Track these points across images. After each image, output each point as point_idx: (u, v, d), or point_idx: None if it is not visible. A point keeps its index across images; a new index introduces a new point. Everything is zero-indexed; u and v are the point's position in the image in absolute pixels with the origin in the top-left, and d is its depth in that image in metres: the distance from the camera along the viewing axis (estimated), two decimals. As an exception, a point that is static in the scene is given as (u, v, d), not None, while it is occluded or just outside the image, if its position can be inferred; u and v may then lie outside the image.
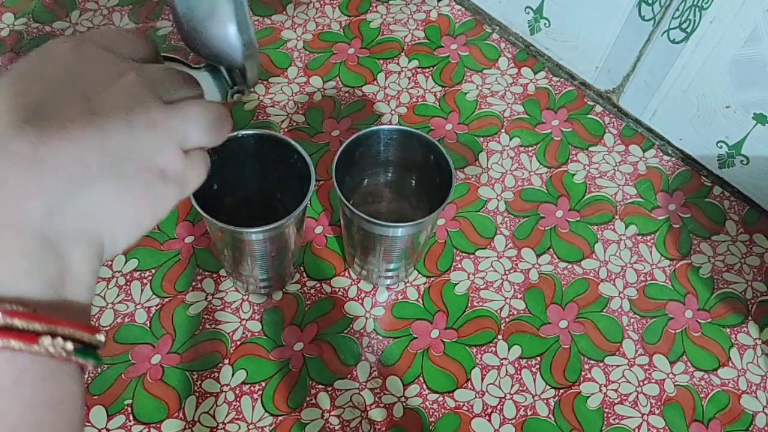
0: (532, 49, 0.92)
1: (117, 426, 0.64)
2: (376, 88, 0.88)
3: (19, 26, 0.90)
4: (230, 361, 0.68)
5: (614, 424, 0.68)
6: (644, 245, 0.79)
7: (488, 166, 0.83)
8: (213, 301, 0.71)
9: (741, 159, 0.79)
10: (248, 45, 0.38)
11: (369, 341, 0.70)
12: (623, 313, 0.74)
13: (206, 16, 0.37)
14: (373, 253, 0.67)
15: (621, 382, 0.70)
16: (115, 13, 0.92)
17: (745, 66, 0.72)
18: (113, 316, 0.70)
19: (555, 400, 0.68)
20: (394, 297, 0.73)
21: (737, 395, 0.70)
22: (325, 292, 0.73)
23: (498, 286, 0.75)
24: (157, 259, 0.73)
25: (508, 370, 0.70)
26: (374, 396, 0.67)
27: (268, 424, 0.65)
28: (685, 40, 0.75)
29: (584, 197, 0.81)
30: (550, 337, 0.72)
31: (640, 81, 0.83)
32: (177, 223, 0.76)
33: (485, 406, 0.68)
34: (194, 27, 0.38)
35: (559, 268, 0.76)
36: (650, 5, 0.76)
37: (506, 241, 0.78)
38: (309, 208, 0.77)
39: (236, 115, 0.84)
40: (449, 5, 0.96)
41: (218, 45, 0.38)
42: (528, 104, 0.88)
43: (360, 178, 0.71)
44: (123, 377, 0.67)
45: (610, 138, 0.86)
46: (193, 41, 0.39)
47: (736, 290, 0.76)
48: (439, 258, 0.76)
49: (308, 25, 0.93)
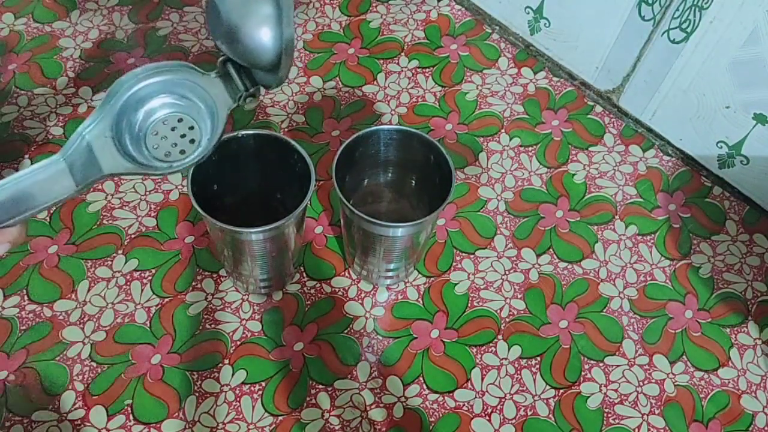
0: (532, 49, 0.92)
1: (117, 426, 0.64)
2: (376, 88, 0.88)
3: (19, 26, 0.90)
4: (230, 361, 0.68)
5: (614, 424, 0.68)
6: (644, 245, 0.79)
7: (488, 166, 0.83)
8: (213, 301, 0.71)
9: (741, 159, 0.79)
10: (289, 41, 0.38)
11: (369, 341, 0.70)
12: (623, 313, 0.74)
13: (251, 12, 0.37)
14: (373, 253, 0.67)
15: (621, 382, 0.70)
16: (115, 13, 0.92)
17: (745, 66, 0.72)
18: (113, 316, 0.70)
19: (555, 400, 0.68)
20: (394, 297, 0.73)
21: (737, 395, 0.70)
22: (325, 292, 0.73)
23: (498, 286, 0.75)
24: (157, 259, 0.73)
25: (508, 370, 0.70)
26: (374, 396, 0.67)
27: (268, 424, 0.65)
28: (685, 40, 0.75)
29: (584, 197, 0.81)
30: (550, 337, 0.72)
31: (640, 81, 0.83)
32: (177, 223, 0.76)
33: (485, 406, 0.68)
34: (235, 22, 0.37)
35: (559, 268, 0.76)
36: (650, 5, 0.76)
37: (506, 241, 0.78)
38: (309, 208, 0.77)
39: (236, 115, 0.84)
40: (449, 5, 0.96)
41: (257, 41, 0.38)
42: (528, 104, 0.88)
43: (360, 178, 0.71)
44: (123, 377, 0.67)
45: (610, 138, 0.86)
46: (229, 36, 0.38)
47: (736, 290, 0.76)
48: (439, 258, 0.76)
49: (308, 25, 0.93)
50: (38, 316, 0.69)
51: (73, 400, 0.65)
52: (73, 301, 0.70)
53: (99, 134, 0.39)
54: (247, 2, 0.37)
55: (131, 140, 0.41)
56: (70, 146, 0.39)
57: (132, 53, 0.88)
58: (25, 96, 0.84)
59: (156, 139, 0.41)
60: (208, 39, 0.90)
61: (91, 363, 0.67)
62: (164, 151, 0.41)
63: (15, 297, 0.70)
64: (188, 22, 0.92)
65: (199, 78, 0.41)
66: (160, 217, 0.76)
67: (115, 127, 0.40)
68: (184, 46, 0.89)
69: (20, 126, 0.81)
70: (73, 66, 0.87)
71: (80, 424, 0.64)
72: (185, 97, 0.42)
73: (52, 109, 0.83)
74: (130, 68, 0.87)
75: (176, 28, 0.91)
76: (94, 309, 0.70)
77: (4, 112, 0.82)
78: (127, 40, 0.90)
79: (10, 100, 0.83)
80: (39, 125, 0.81)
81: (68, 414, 0.65)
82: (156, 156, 0.41)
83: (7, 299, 0.70)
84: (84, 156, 0.39)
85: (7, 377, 0.66)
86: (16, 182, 0.38)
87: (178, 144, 0.41)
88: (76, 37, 0.89)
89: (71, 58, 0.87)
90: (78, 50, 0.88)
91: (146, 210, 0.76)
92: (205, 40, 0.90)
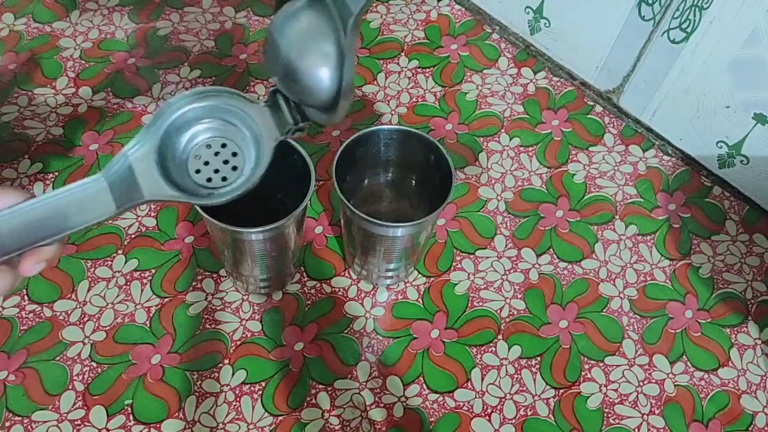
0: (532, 49, 0.92)
1: (117, 426, 0.64)
2: (376, 88, 0.88)
3: (19, 26, 0.90)
4: (230, 361, 0.68)
5: (614, 424, 0.68)
6: (644, 245, 0.79)
7: (488, 166, 0.83)
8: (213, 301, 0.71)
9: (741, 159, 0.79)
10: (349, 85, 0.37)
11: (369, 341, 0.70)
12: (623, 313, 0.74)
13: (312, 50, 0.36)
14: (373, 253, 0.67)
15: (621, 382, 0.70)
16: (115, 13, 0.92)
17: (745, 66, 0.72)
18: (113, 316, 0.70)
19: (555, 400, 0.68)
20: (394, 297, 0.73)
21: (737, 395, 0.70)
22: (325, 292, 0.73)
23: (498, 286, 0.75)
24: (157, 259, 0.73)
25: (508, 370, 0.70)
26: (374, 396, 0.67)
27: (268, 424, 0.65)
28: (685, 40, 0.75)
29: (584, 197, 0.81)
30: (550, 337, 0.72)
31: (640, 81, 0.83)
32: (177, 223, 0.76)
33: (485, 406, 0.68)
34: (294, 59, 0.37)
35: (559, 268, 0.76)
36: (650, 5, 0.76)
37: (506, 241, 0.78)
38: (309, 208, 0.77)
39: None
40: (449, 5, 0.96)
41: (316, 81, 0.37)
42: (528, 104, 0.88)
43: (360, 178, 0.71)
44: (123, 377, 0.67)
45: (610, 138, 0.86)
46: (286, 72, 0.37)
47: (736, 290, 0.76)
48: (439, 258, 0.76)
49: (308, 25, 0.92)
50: (38, 316, 0.69)
51: (73, 400, 0.65)
52: (73, 301, 0.70)
53: (143, 156, 0.38)
54: (308, 40, 0.36)
55: (174, 164, 0.40)
56: (113, 166, 0.38)
57: (132, 53, 0.88)
58: (25, 96, 0.84)
59: (198, 163, 0.40)
60: (208, 39, 0.90)
61: (91, 363, 0.67)
62: (206, 177, 0.40)
63: (15, 297, 0.70)
64: (189, 22, 0.92)
65: (246, 105, 0.40)
66: (160, 217, 0.76)
67: (159, 149, 0.39)
68: (184, 46, 0.89)
69: (20, 126, 0.81)
70: (73, 66, 0.87)
71: (80, 424, 0.64)
72: (231, 123, 0.40)
73: (52, 109, 0.83)
74: (131, 68, 0.87)
75: (177, 28, 0.91)
76: (94, 309, 0.70)
77: (4, 112, 0.82)
78: (127, 40, 0.90)
79: (10, 100, 0.83)
80: (39, 125, 0.81)
81: (68, 414, 0.65)
82: (197, 181, 0.40)
83: (7, 299, 0.70)
84: (126, 178, 0.38)
85: (7, 377, 0.66)
86: (54, 199, 0.36)
87: (220, 170, 0.40)
88: (76, 37, 0.89)
89: (71, 58, 0.87)
90: (78, 50, 0.88)
91: (146, 210, 0.76)
92: (205, 40, 0.90)
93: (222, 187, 0.40)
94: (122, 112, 0.83)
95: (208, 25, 0.92)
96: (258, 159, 0.40)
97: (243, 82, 0.87)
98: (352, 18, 0.34)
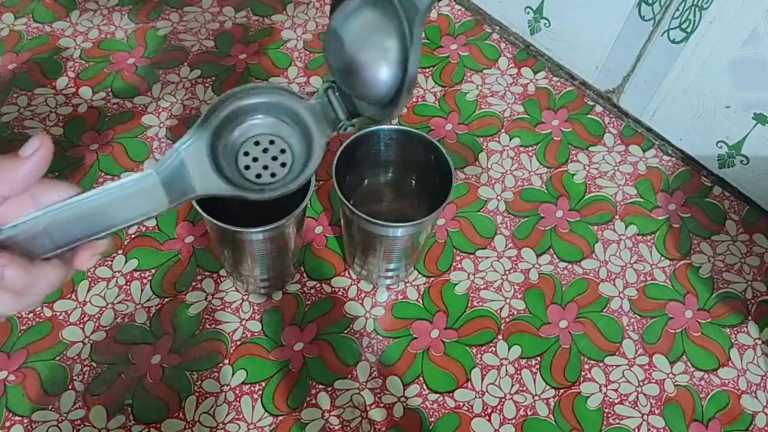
0: (532, 49, 0.92)
1: (117, 426, 0.64)
2: (376, 88, 0.88)
3: (19, 26, 0.90)
4: (230, 361, 0.68)
5: (614, 424, 0.68)
6: (644, 245, 0.79)
7: (488, 166, 0.83)
8: (213, 301, 0.71)
9: (741, 159, 0.79)
10: (412, 80, 0.36)
11: (369, 341, 0.70)
12: (623, 313, 0.74)
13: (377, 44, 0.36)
14: (373, 253, 0.67)
15: (621, 382, 0.70)
16: (115, 13, 0.92)
17: (745, 66, 0.72)
18: (113, 316, 0.70)
19: (555, 400, 0.68)
20: (394, 297, 0.73)
21: (737, 395, 0.70)
22: (325, 292, 0.73)
23: (498, 286, 0.75)
24: (157, 259, 0.73)
25: (508, 370, 0.70)
26: (374, 396, 0.67)
27: (268, 424, 0.65)
28: (685, 40, 0.75)
29: (584, 197, 0.81)
30: (550, 337, 0.72)
31: (640, 81, 0.83)
32: (177, 223, 0.76)
33: (485, 406, 0.68)
34: (357, 52, 0.36)
35: (559, 268, 0.76)
36: (650, 5, 0.76)
37: (506, 241, 0.78)
38: (309, 208, 0.77)
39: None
40: (449, 5, 0.96)
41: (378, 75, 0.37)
42: (528, 104, 0.88)
43: (360, 178, 0.71)
44: (123, 377, 0.67)
45: (610, 138, 0.86)
46: (347, 66, 0.37)
47: (736, 290, 0.76)
48: (439, 258, 0.76)
49: (308, 25, 0.93)
50: (38, 316, 0.69)
51: (73, 400, 0.65)
52: (73, 301, 0.70)
53: (194, 152, 0.38)
54: (373, 34, 0.36)
55: (225, 159, 0.40)
56: (165, 161, 0.38)
57: (132, 53, 0.88)
58: (25, 96, 0.84)
59: (247, 160, 0.40)
60: (208, 39, 0.90)
61: (91, 363, 0.67)
62: (255, 173, 0.40)
63: (15, 297, 0.70)
64: (188, 21, 0.92)
65: (297, 103, 0.40)
66: (160, 218, 0.76)
67: (210, 145, 0.39)
68: (184, 46, 0.89)
69: (20, 126, 0.81)
70: (73, 66, 0.87)
71: (80, 424, 0.64)
72: (281, 119, 0.41)
73: (52, 109, 0.83)
74: (130, 68, 0.87)
75: (176, 27, 0.91)
76: (94, 309, 0.70)
77: (4, 112, 0.82)
78: (127, 40, 0.90)
79: (10, 100, 0.83)
80: (39, 125, 0.81)
81: (68, 414, 0.65)
82: (247, 177, 0.40)
83: (7, 299, 0.70)
84: (178, 173, 0.38)
85: (7, 377, 0.66)
86: (106, 193, 0.37)
87: (269, 167, 0.40)
88: (76, 37, 0.89)
89: (71, 58, 0.87)
90: (78, 50, 0.88)
91: (146, 210, 0.76)
92: (205, 40, 0.90)
93: (272, 183, 0.40)
94: (122, 112, 0.83)
95: (208, 25, 0.92)
96: (308, 157, 0.41)
97: (243, 82, 0.87)
98: (419, 14, 0.34)
